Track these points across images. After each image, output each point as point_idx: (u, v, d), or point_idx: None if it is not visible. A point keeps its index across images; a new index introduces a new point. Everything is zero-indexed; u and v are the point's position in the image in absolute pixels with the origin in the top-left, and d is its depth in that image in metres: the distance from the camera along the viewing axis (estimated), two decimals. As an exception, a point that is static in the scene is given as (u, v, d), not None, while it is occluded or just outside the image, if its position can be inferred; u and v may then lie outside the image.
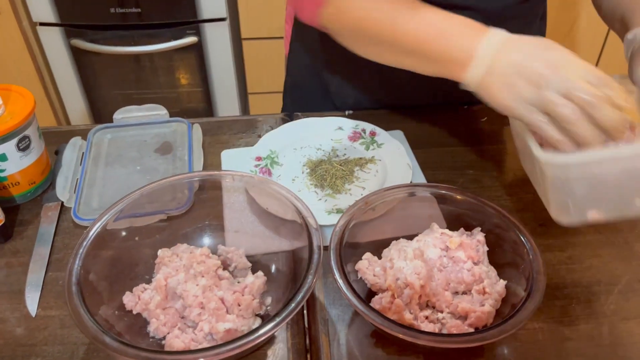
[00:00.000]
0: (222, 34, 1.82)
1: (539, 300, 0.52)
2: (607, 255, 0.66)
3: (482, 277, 0.58)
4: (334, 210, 0.70)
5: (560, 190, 0.57)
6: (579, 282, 0.63)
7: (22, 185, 0.72)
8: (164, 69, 1.91)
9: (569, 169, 0.55)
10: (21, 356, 0.56)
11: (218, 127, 0.88)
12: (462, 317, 0.56)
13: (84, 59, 1.87)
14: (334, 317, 0.60)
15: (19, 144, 0.69)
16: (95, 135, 0.84)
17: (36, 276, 0.64)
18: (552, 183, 0.57)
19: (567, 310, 0.60)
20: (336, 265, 0.55)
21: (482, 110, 0.90)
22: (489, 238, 0.61)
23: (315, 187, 0.75)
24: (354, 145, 0.82)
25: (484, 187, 0.76)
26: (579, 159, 0.54)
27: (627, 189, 0.56)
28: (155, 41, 1.82)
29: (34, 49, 1.84)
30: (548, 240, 0.68)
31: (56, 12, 1.74)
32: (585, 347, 0.57)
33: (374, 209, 0.64)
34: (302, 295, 0.51)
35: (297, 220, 0.59)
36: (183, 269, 0.58)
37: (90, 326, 0.48)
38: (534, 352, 0.56)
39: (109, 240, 0.59)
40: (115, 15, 1.76)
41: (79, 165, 0.79)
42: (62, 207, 0.73)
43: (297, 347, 0.57)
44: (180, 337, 0.54)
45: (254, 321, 0.56)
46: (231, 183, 0.65)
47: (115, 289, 0.57)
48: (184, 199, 0.68)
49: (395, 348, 0.56)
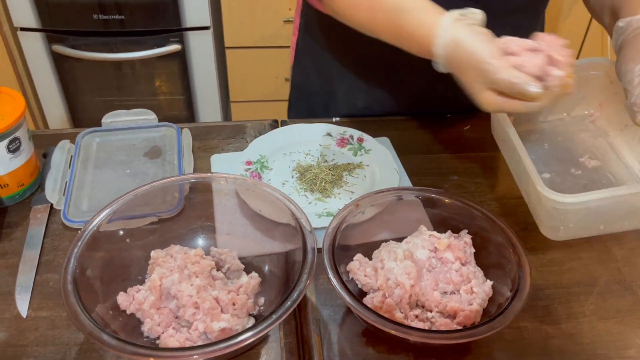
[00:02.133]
0: (205, 43, 1.83)
1: (525, 298, 0.54)
2: (587, 258, 0.69)
3: (469, 278, 0.60)
4: (324, 214, 0.71)
5: (555, 219, 0.62)
6: (560, 284, 0.66)
7: (11, 187, 0.72)
8: (146, 76, 1.91)
9: (567, 206, 0.60)
10: (12, 357, 0.56)
11: (207, 132, 0.89)
12: (450, 316, 0.58)
13: (65, 65, 1.85)
14: (325, 317, 0.61)
15: (9, 146, 0.69)
16: (84, 138, 0.84)
17: (26, 277, 0.64)
18: (547, 212, 0.62)
19: (550, 310, 0.62)
20: (329, 265, 0.57)
21: (465, 119, 0.93)
22: (475, 240, 0.63)
23: (305, 191, 0.76)
24: (342, 151, 0.83)
25: (468, 192, 0.79)
26: (579, 199, 0.59)
27: (617, 215, 0.63)
28: (138, 48, 1.82)
29: (14, 54, 1.82)
30: (530, 244, 0.70)
31: (37, 18, 1.73)
32: (567, 344, 0.59)
33: (363, 212, 0.65)
34: (297, 294, 0.52)
35: (291, 223, 0.60)
36: (177, 270, 0.58)
37: (88, 324, 0.49)
38: (519, 350, 0.58)
39: (102, 241, 0.59)
40: (98, 21, 1.75)
41: (67, 168, 0.79)
42: (51, 210, 0.73)
43: (289, 346, 0.58)
44: (174, 337, 0.55)
45: (248, 321, 0.57)
46: (224, 185, 0.66)
47: (109, 289, 0.57)
48: (175, 202, 0.69)
49: (385, 347, 0.58)
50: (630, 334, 0.60)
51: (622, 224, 0.65)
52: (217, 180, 0.66)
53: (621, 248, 0.70)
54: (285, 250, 0.62)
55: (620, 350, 0.58)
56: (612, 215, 0.63)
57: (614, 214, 0.63)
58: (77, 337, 0.58)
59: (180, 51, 1.84)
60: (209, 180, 0.66)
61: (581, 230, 0.65)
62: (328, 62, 0.93)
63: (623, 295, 0.64)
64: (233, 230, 0.67)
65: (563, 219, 0.62)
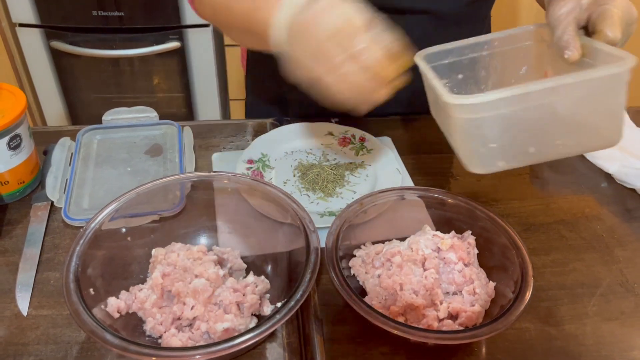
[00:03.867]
0: (205, 40, 1.83)
1: (527, 300, 0.54)
2: (590, 259, 0.69)
3: (472, 279, 0.59)
4: (326, 213, 0.71)
5: (471, 136, 0.57)
6: (563, 285, 0.65)
7: (11, 184, 0.72)
8: (145, 74, 1.90)
9: (478, 110, 0.55)
10: (13, 355, 0.55)
11: (208, 131, 0.88)
12: (452, 317, 0.58)
13: (63, 62, 1.84)
14: (327, 316, 0.61)
15: (10, 143, 0.69)
16: (84, 136, 0.83)
17: (27, 275, 0.63)
18: (461, 128, 0.57)
19: (553, 312, 0.62)
20: (332, 265, 0.56)
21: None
22: (478, 241, 0.63)
23: (307, 190, 0.76)
24: (344, 150, 0.83)
25: (470, 192, 0.79)
26: (487, 98, 0.54)
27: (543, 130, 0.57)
28: (137, 45, 1.81)
29: (12, 50, 1.82)
30: (533, 245, 0.70)
31: (36, 14, 1.72)
32: (570, 346, 0.59)
33: (365, 212, 0.65)
34: (301, 294, 0.52)
35: (294, 222, 0.60)
36: (180, 268, 0.58)
37: (89, 322, 0.48)
38: (522, 351, 0.58)
39: (104, 239, 0.59)
40: (97, 18, 1.74)
41: (68, 166, 0.78)
42: (51, 207, 0.72)
43: (292, 346, 0.58)
44: (177, 336, 0.54)
45: (251, 320, 0.57)
46: (226, 184, 0.66)
47: (110, 287, 0.57)
48: (177, 200, 0.68)
49: (388, 347, 0.58)
50: (633, 336, 0.60)
51: (554, 144, 0.59)
52: (219, 179, 0.66)
53: (624, 250, 0.70)
54: (288, 250, 0.61)
55: (624, 352, 0.58)
56: (538, 131, 0.57)
57: (539, 127, 0.57)
58: (78, 336, 0.57)
59: (179, 48, 1.83)
60: (211, 179, 0.66)
61: (508, 155, 0.59)
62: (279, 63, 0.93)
63: (626, 297, 0.64)
64: (235, 229, 0.66)
65: (480, 136, 0.56)
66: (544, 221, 0.74)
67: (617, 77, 0.55)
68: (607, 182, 0.81)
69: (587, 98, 0.56)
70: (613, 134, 0.61)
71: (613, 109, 0.59)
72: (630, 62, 0.55)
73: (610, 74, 0.55)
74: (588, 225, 0.74)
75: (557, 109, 0.56)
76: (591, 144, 0.63)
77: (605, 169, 0.81)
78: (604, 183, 0.81)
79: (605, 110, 0.59)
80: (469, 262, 0.61)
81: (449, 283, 0.60)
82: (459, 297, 0.59)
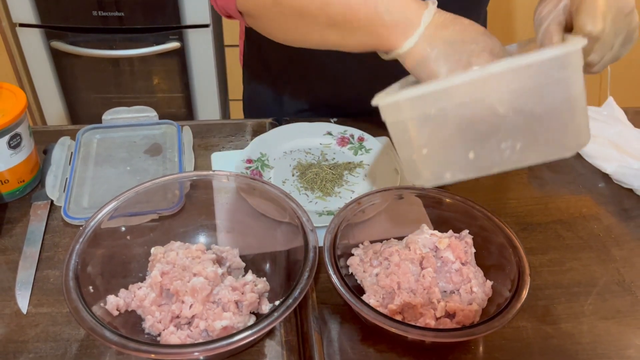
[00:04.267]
0: (205, 41, 1.83)
1: (524, 298, 0.54)
2: (586, 258, 0.69)
3: (469, 277, 0.60)
4: (325, 212, 0.72)
5: (402, 142, 0.50)
6: (560, 284, 0.66)
7: (11, 183, 0.72)
8: (145, 74, 1.91)
9: (401, 109, 0.48)
10: (13, 352, 0.56)
11: (207, 130, 0.89)
12: (450, 316, 0.58)
13: (63, 62, 1.85)
14: (326, 315, 0.61)
15: (10, 142, 0.69)
16: (84, 135, 0.84)
17: (26, 274, 0.64)
18: (392, 133, 0.51)
19: (549, 310, 0.63)
20: (330, 263, 0.57)
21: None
22: (476, 240, 0.63)
23: (306, 189, 0.76)
24: (342, 150, 0.83)
25: (467, 191, 0.79)
26: (409, 94, 0.47)
27: (479, 132, 0.48)
28: (137, 45, 1.81)
29: (12, 50, 1.82)
30: (530, 244, 0.70)
31: (37, 14, 1.73)
32: (567, 344, 0.59)
33: (364, 211, 0.66)
34: (299, 292, 0.52)
35: (292, 221, 0.60)
36: (178, 266, 0.58)
37: (89, 320, 0.49)
38: (519, 349, 0.58)
39: (103, 238, 0.59)
40: (97, 18, 1.75)
41: (68, 165, 0.79)
42: (51, 206, 0.73)
43: (290, 344, 0.58)
44: (175, 334, 0.55)
45: (249, 319, 0.57)
46: (225, 183, 0.66)
47: (109, 286, 0.57)
48: (176, 199, 0.68)
49: (385, 345, 0.58)
50: (629, 334, 0.60)
51: (499, 149, 0.49)
52: (218, 178, 0.66)
53: (621, 249, 0.70)
54: (286, 249, 0.62)
55: (620, 350, 0.58)
56: (475, 133, 0.48)
57: (475, 128, 0.48)
58: (77, 334, 0.58)
59: (179, 49, 1.83)
60: (210, 178, 0.66)
61: (445, 163, 0.50)
62: (274, 61, 0.93)
63: (622, 296, 0.64)
64: (234, 228, 0.67)
65: (412, 141, 0.49)
66: (541, 221, 0.74)
67: (560, 62, 0.46)
68: (605, 182, 0.81)
69: (528, 91, 0.46)
70: (575, 136, 0.50)
71: (567, 105, 0.47)
72: (577, 44, 0.46)
73: (548, 58, 0.45)
74: (585, 225, 0.74)
75: (494, 105, 0.47)
76: (547, 149, 0.50)
77: (603, 169, 0.82)
78: (601, 183, 0.81)
79: (557, 106, 0.47)
80: (467, 261, 0.61)
81: (446, 282, 0.60)
82: (456, 296, 0.59)
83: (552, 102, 0.47)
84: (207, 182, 0.67)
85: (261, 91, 0.99)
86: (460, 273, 0.60)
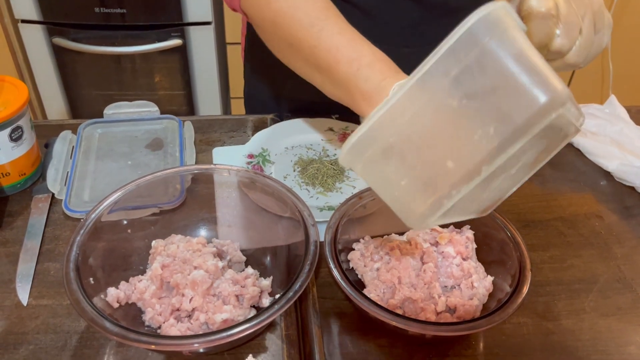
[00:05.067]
0: (206, 38, 1.83)
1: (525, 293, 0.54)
2: (587, 255, 0.69)
3: (470, 273, 0.60)
4: (326, 208, 0.72)
5: (379, 183, 0.46)
6: (561, 280, 0.66)
7: (13, 176, 0.72)
8: (147, 71, 1.90)
9: (360, 152, 0.45)
10: (13, 344, 0.56)
11: (209, 126, 0.89)
12: (450, 310, 0.58)
13: (65, 58, 1.85)
14: (326, 309, 0.61)
15: (11, 134, 0.69)
16: (85, 129, 0.84)
17: (27, 266, 0.64)
18: (366, 179, 0.47)
19: (550, 307, 0.63)
20: (331, 257, 0.57)
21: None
22: (477, 236, 0.63)
23: (307, 185, 0.76)
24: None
25: (470, 189, 0.79)
26: (359, 133, 0.44)
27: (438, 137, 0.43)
28: (139, 42, 1.81)
29: (14, 46, 1.82)
30: (531, 241, 0.70)
31: (39, 10, 1.73)
32: (567, 341, 0.59)
33: (365, 206, 0.65)
34: (299, 285, 0.52)
35: (293, 216, 0.60)
36: (179, 259, 0.58)
37: (90, 311, 0.49)
38: (519, 346, 0.58)
39: (104, 231, 0.59)
40: (99, 14, 1.75)
41: (69, 159, 0.79)
42: (52, 199, 0.73)
43: (291, 338, 0.58)
44: (175, 326, 0.55)
45: (250, 312, 0.57)
46: (227, 177, 0.66)
47: (110, 278, 0.57)
48: (177, 193, 0.68)
49: (386, 339, 0.58)
50: (630, 331, 0.60)
51: (470, 143, 0.42)
52: (219, 172, 0.66)
53: (622, 246, 0.70)
54: (287, 243, 0.62)
55: (620, 347, 0.58)
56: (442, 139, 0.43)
57: (440, 135, 0.43)
58: (77, 326, 0.58)
59: (181, 46, 1.83)
60: (211, 172, 0.66)
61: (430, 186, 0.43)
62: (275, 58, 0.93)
63: (623, 293, 0.64)
64: (235, 222, 0.67)
65: (388, 178, 0.45)
66: (542, 218, 0.74)
67: (483, 27, 0.40)
68: (606, 180, 0.81)
69: (468, 70, 0.41)
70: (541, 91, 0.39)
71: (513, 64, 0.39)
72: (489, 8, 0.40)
73: (467, 30, 0.40)
74: (586, 223, 0.74)
75: (445, 101, 0.42)
76: (520, 118, 0.39)
77: (605, 166, 0.82)
78: (603, 181, 0.81)
79: (503, 70, 0.40)
80: (467, 257, 0.61)
81: (447, 277, 0.60)
82: (457, 291, 0.59)
83: (496, 69, 0.40)
84: (208, 176, 0.67)
85: (262, 86, 0.99)
86: (461, 268, 0.60)
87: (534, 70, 0.39)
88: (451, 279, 0.60)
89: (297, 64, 0.62)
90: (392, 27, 0.79)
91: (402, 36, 0.81)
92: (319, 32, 0.57)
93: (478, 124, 0.41)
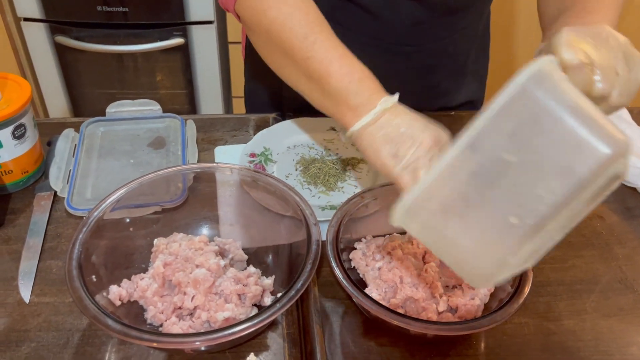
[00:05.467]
0: (209, 37, 1.83)
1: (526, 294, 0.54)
2: (589, 256, 0.69)
3: (472, 273, 0.60)
4: (328, 207, 0.72)
5: (438, 243, 0.46)
6: (562, 281, 0.66)
7: (15, 173, 0.72)
8: (149, 70, 1.90)
9: (416, 212, 0.45)
10: (15, 341, 0.56)
11: (211, 125, 0.89)
12: (452, 310, 0.58)
13: (67, 56, 1.85)
14: (327, 309, 0.61)
15: (14, 132, 0.69)
16: (88, 127, 0.84)
17: (29, 264, 0.64)
18: (424, 241, 0.47)
19: (551, 307, 0.63)
20: (333, 256, 0.57)
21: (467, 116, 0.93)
22: (478, 235, 0.63)
23: (309, 184, 0.76)
24: (346, 146, 0.83)
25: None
26: (416, 192, 0.45)
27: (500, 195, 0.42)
28: (141, 41, 1.81)
29: (17, 44, 1.82)
30: (533, 241, 0.70)
31: (41, 8, 1.73)
32: (569, 341, 0.59)
33: (367, 206, 0.65)
34: (301, 284, 0.52)
35: (295, 215, 0.60)
36: (181, 257, 0.58)
37: (92, 308, 0.49)
38: (520, 346, 0.58)
39: (106, 229, 0.59)
40: (101, 13, 1.75)
41: (71, 157, 0.79)
42: (54, 197, 0.73)
43: (292, 336, 0.58)
44: (177, 324, 0.55)
45: (251, 311, 0.57)
46: (229, 176, 0.66)
47: (112, 276, 0.58)
48: (179, 192, 0.69)
49: (387, 338, 0.58)
50: (631, 332, 0.60)
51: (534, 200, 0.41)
52: (221, 171, 0.66)
53: (623, 247, 0.70)
54: (289, 242, 0.62)
55: (622, 348, 0.58)
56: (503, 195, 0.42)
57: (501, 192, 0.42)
58: (79, 323, 0.58)
59: (183, 45, 1.83)
60: (213, 171, 0.66)
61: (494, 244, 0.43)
62: None
63: (625, 294, 0.64)
64: (237, 221, 0.67)
65: (446, 238, 0.45)
66: (544, 218, 0.74)
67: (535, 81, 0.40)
68: (608, 181, 0.81)
69: (523, 124, 0.41)
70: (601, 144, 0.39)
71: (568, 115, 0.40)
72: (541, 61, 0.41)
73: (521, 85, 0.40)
74: (588, 223, 0.74)
75: (501, 157, 0.41)
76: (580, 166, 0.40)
77: (606, 167, 0.82)
78: (604, 182, 0.81)
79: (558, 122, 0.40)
80: (469, 257, 0.61)
81: (448, 277, 0.60)
82: (459, 291, 0.59)
83: (554, 123, 0.40)
84: (210, 175, 0.67)
85: (262, 85, 0.99)
86: (462, 268, 0.60)
87: (592, 121, 0.40)
88: (453, 278, 0.60)
89: (285, 70, 0.64)
90: (395, 26, 0.79)
91: (404, 35, 0.81)
92: (312, 44, 0.59)
93: (539, 178, 0.41)
